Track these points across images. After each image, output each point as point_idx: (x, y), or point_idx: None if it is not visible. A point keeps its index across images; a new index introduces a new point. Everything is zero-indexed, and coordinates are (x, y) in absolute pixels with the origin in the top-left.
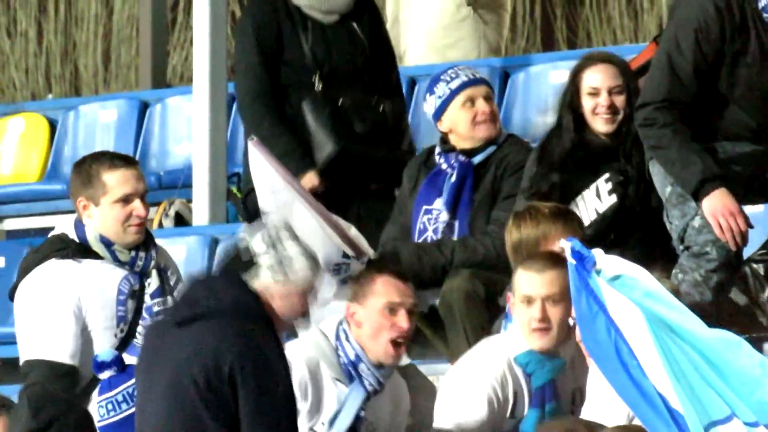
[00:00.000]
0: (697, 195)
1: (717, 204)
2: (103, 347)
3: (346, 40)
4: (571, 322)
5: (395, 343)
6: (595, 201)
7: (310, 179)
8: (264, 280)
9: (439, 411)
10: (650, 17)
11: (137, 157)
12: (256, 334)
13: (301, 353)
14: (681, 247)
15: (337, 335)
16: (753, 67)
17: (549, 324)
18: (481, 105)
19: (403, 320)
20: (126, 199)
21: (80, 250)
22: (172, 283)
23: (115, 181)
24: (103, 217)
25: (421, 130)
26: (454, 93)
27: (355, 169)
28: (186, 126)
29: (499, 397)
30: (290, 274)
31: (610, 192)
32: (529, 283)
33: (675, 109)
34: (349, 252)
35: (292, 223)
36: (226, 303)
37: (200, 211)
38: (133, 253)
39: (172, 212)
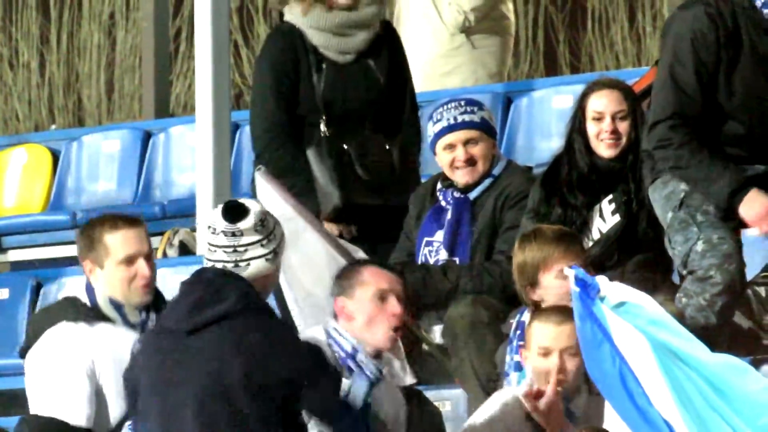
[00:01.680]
0: (733, 207)
1: (755, 207)
2: (116, 411)
3: (362, 78)
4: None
5: (394, 329)
6: (599, 222)
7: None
8: (256, 269)
9: None
10: (653, 41)
11: (141, 187)
12: (282, 326)
13: None
14: (685, 272)
15: (328, 335)
16: (747, 71)
17: (566, 376)
18: (459, 152)
19: (395, 305)
20: (129, 260)
21: (92, 313)
22: None
23: (117, 242)
24: (108, 279)
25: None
26: (436, 137)
27: (362, 217)
28: (189, 155)
29: None
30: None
31: (614, 212)
32: (547, 336)
33: (687, 126)
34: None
35: (300, 250)
36: (236, 300)
37: (204, 240)
38: (143, 315)
39: (176, 241)
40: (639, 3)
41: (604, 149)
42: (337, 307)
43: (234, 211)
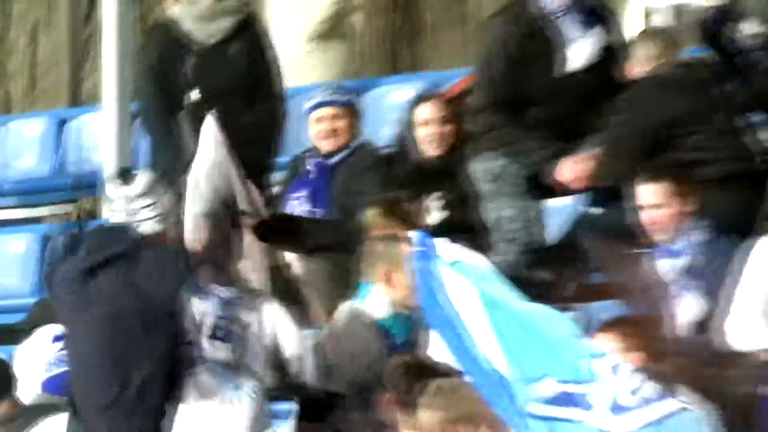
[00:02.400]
0: (550, 170)
1: (568, 171)
2: None
3: (225, 59)
4: None
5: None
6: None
7: None
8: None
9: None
10: (478, 47)
11: (57, 164)
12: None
13: None
14: (496, 234)
15: None
16: (545, 66)
17: None
18: (324, 124)
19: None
20: None
21: None
22: None
23: None
24: None
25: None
26: (308, 111)
27: None
28: (97, 138)
29: None
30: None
31: (441, 208)
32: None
33: (503, 111)
34: (247, 208)
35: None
36: (126, 246)
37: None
38: None
39: (86, 209)
40: (467, 15)
41: (431, 150)
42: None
43: (124, 178)
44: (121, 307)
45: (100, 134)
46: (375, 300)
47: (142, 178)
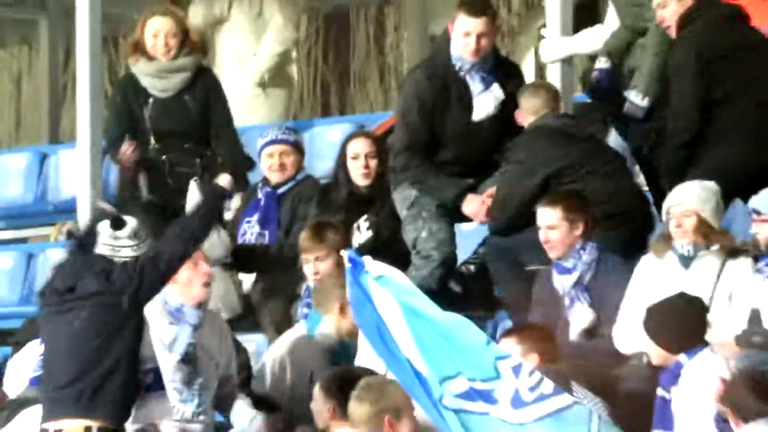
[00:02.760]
0: (458, 204)
1: (473, 206)
2: None
3: (179, 109)
4: None
5: (205, 285)
6: (356, 235)
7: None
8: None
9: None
10: (395, 94)
11: (39, 192)
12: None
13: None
14: (414, 252)
15: (161, 302)
16: (454, 114)
17: None
18: (275, 159)
19: (205, 267)
20: None
21: None
22: None
23: None
24: None
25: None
26: (261, 148)
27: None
28: (73, 170)
29: None
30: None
31: (367, 228)
32: None
33: (418, 153)
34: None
35: None
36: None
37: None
38: None
39: (64, 230)
40: (387, 66)
41: (360, 180)
42: None
43: (116, 223)
44: (94, 312)
45: (75, 167)
46: (325, 329)
47: (131, 224)
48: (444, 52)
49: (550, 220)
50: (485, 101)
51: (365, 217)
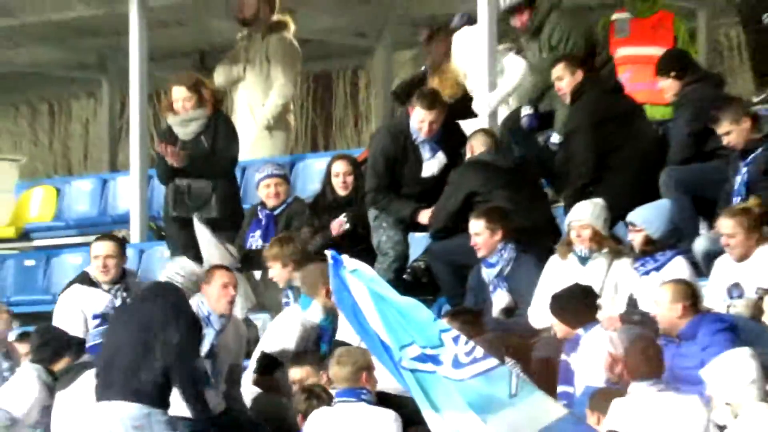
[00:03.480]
0: (413, 220)
1: (424, 215)
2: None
3: (197, 146)
4: None
5: (229, 302)
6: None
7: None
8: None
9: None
10: (368, 135)
11: (101, 208)
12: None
13: None
14: (378, 252)
15: (197, 305)
16: (411, 163)
17: None
18: (271, 189)
19: (232, 290)
20: None
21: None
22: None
23: None
24: None
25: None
26: (259, 181)
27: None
28: (127, 192)
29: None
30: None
31: (346, 222)
32: None
33: (384, 191)
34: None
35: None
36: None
37: (135, 235)
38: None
39: (120, 235)
40: (360, 114)
41: (341, 191)
42: (203, 289)
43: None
44: (145, 319)
45: (128, 189)
46: (315, 309)
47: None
48: (405, 123)
49: (476, 228)
50: (431, 165)
51: (344, 214)
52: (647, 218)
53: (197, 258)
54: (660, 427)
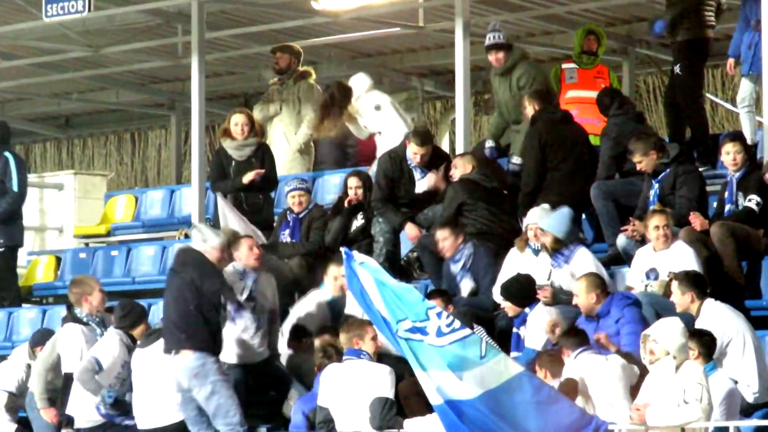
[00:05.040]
0: (402, 227)
1: (410, 229)
2: None
3: (249, 167)
4: None
5: (256, 259)
6: (355, 222)
7: None
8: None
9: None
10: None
11: (170, 212)
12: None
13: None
14: (375, 242)
15: (233, 266)
16: (406, 183)
17: None
18: (296, 198)
19: (256, 249)
20: None
21: None
22: None
23: None
24: None
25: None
26: (287, 193)
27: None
28: (190, 199)
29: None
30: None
31: (360, 219)
32: None
33: (385, 202)
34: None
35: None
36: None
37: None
38: None
39: (183, 234)
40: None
41: (355, 198)
42: (234, 255)
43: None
44: (180, 282)
45: (190, 198)
46: (329, 289)
47: (216, 230)
48: (402, 150)
49: (442, 236)
50: (422, 184)
51: (359, 215)
52: (551, 224)
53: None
54: (595, 378)
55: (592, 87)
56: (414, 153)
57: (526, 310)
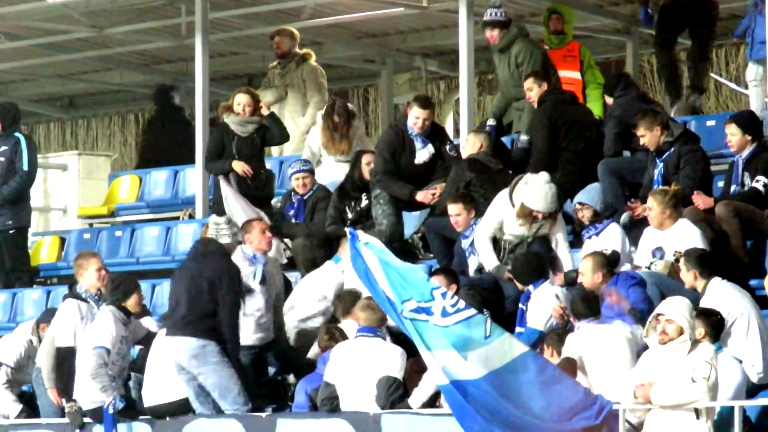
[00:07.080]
0: (412, 197)
1: (421, 195)
2: None
3: (252, 143)
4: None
5: (267, 244)
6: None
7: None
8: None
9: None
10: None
11: (173, 193)
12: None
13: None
14: (375, 221)
15: (241, 249)
16: (406, 155)
17: None
18: (300, 180)
19: (268, 232)
20: None
21: None
22: None
23: None
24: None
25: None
26: (291, 174)
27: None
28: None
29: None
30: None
31: (365, 199)
32: None
33: (389, 174)
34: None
35: (237, 209)
36: (211, 249)
37: (199, 212)
38: None
39: (186, 214)
40: (370, 121)
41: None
42: (245, 237)
43: (218, 214)
44: (197, 270)
45: (193, 178)
46: (342, 264)
47: (224, 218)
48: (403, 122)
49: (455, 210)
50: (422, 154)
51: (365, 195)
52: (592, 198)
53: (221, 212)
54: (598, 348)
55: (562, 67)
56: (416, 117)
57: (530, 287)
